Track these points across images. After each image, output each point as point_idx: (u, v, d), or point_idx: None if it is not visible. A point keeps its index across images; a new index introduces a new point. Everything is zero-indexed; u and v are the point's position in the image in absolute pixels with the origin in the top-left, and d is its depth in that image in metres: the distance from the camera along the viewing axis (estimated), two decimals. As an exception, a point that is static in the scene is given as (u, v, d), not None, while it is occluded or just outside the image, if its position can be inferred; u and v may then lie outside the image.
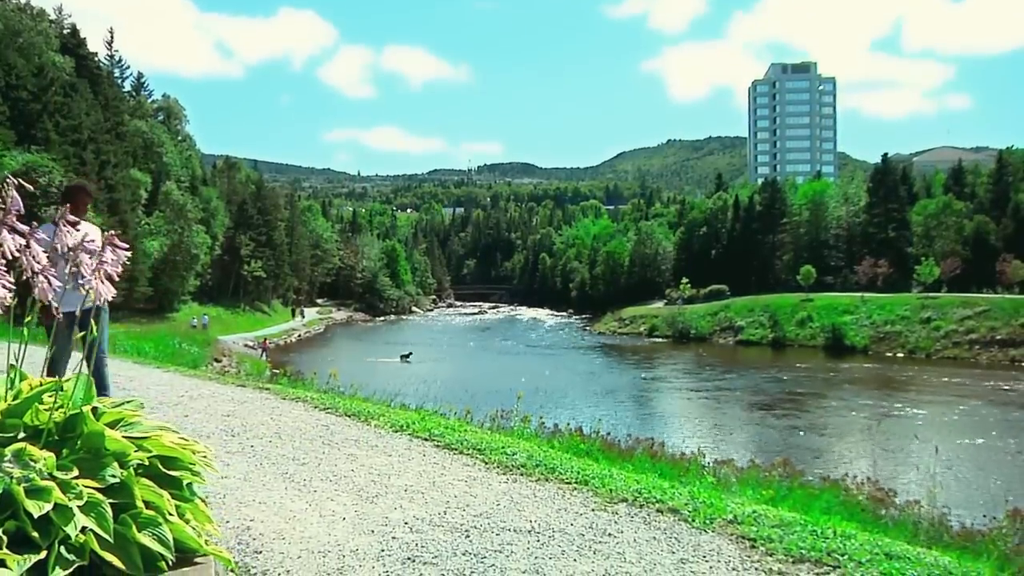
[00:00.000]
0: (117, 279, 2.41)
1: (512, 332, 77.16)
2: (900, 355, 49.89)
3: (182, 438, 2.36)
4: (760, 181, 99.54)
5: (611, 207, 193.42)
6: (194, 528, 2.10)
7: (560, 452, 6.41)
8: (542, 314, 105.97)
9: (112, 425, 2.19)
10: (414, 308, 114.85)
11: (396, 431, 6.13)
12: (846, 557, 3.46)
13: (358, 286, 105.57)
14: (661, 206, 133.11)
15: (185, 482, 2.26)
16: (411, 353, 46.80)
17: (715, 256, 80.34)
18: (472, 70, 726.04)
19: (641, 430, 16.86)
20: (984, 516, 7.37)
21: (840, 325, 55.08)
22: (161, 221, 53.04)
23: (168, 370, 10.27)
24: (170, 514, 2.03)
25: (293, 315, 76.56)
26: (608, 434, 9.94)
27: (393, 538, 3.58)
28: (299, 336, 64.86)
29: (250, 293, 74.10)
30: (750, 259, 75.50)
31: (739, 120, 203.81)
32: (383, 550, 3.42)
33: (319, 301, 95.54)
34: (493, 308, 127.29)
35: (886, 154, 78.20)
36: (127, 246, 2.34)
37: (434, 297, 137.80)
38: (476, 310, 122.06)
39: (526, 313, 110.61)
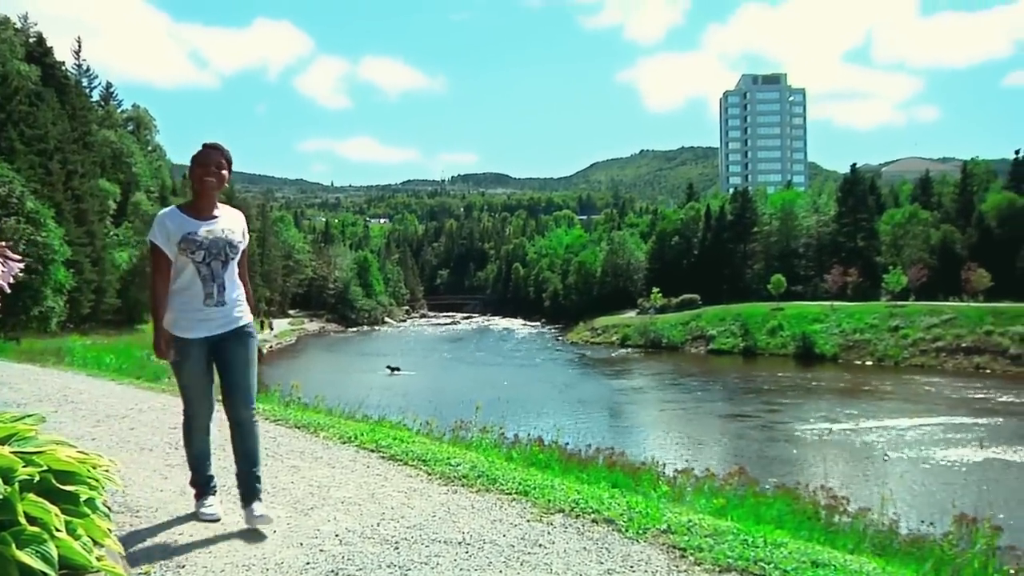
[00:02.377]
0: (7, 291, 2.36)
1: (485, 342, 77.06)
2: (869, 363, 50.38)
3: (81, 452, 2.32)
4: (732, 191, 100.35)
5: (584, 217, 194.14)
6: (84, 544, 2.06)
7: (514, 464, 6.39)
8: (515, 324, 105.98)
9: (3, 441, 2.16)
10: (387, 319, 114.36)
11: (344, 443, 6.09)
12: (772, 566, 3.48)
13: (330, 297, 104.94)
14: (634, 216, 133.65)
15: (83, 497, 2.22)
16: (399, 368, 45.77)
17: (687, 266, 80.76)
18: (448, 81, 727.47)
19: (608, 440, 16.87)
20: (926, 523, 7.43)
21: (810, 334, 55.54)
22: (130, 232, 52.44)
23: (122, 383, 10.14)
24: (58, 530, 1.99)
25: (261, 327, 75.52)
26: (567, 444, 9.93)
27: (321, 551, 3.55)
28: (270, 347, 64.31)
29: (221, 304, 73.42)
30: (721, 268, 76.01)
31: (712, 130, 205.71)
32: (308, 563, 3.39)
33: (291, 312, 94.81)
34: (466, 318, 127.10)
35: (855, 164, 79.10)
36: (19, 258, 2.30)
37: (407, 307, 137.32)
38: (449, 320, 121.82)
39: (499, 323, 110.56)
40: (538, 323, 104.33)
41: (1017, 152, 68.20)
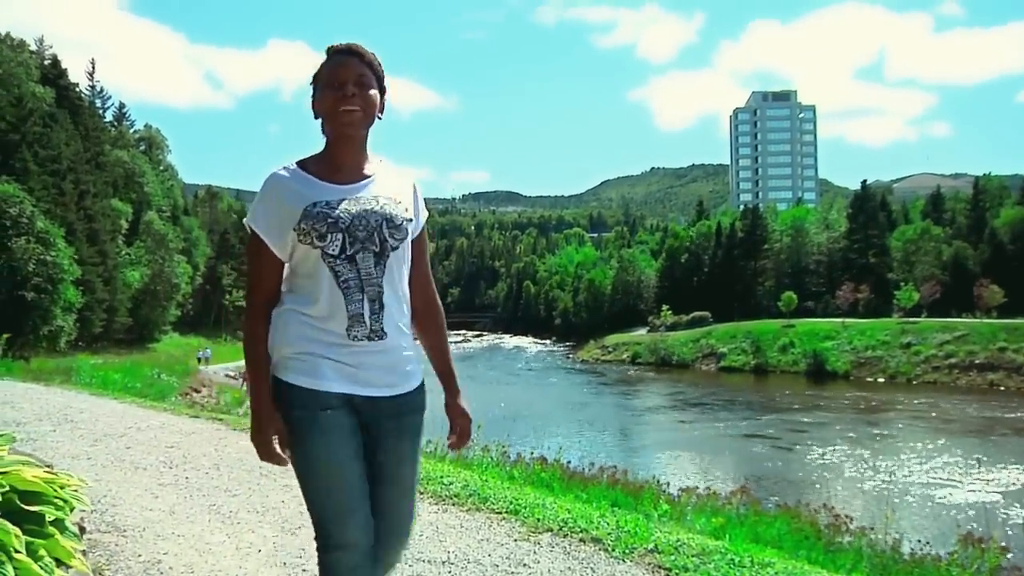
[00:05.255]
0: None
1: (495, 360, 76.94)
2: (881, 380, 50.04)
3: (49, 471, 2.32)
4: (742, 208, 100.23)
5: (595, 235, 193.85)
6: (45, 566, 2.05)
7: (515, 483, 6.37)
8: (525, 342, 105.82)
9: (-33, 460, 2.15)
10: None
11: (339, 461, 6.06)
12: (758, 586, 3.44)
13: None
14: (644, 233, 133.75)
15: (49, 518, 2.21)
16: None
17: (697, 283, 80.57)
18: (460, 99, 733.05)
19: (614, 458, 16.78)
20: (930, 544, 7.33)
21: (822, 351, 55.24)
22: (142, 251, 52.81)
23: (124, 401, 10.16)
24: (17, 551, 1.98)
25: None
26: (570, 463, 9.89)
27: (304, 570, 3.53)
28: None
29: (231, 323, 73.64)
30: (732, 286, 75.77)
31: (723, 148, 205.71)
32: (289, 583, 3.37)
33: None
34: (477, 336, 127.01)
35: (865, 181, 78.98)
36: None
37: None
38: (460, 338, 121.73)
39: (509, 341, 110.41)
40: (548, 341, 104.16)
41: (1029, 168, 67.90)
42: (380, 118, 2.17)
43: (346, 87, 2.07)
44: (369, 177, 2.15)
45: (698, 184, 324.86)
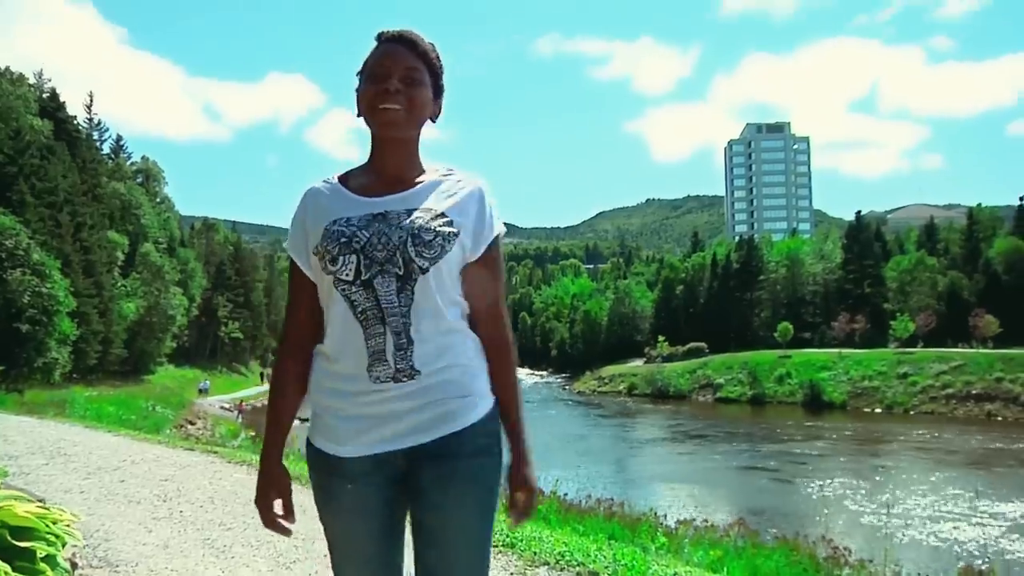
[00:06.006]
0: None
1: (492, 391, 76.51)
2: (878, 411, 49.95)
3: (41, 506, 2.30)
4: (737, 239, 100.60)
5: (591, 266, 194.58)
6: (36, 601, 2.03)
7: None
8: (522, 373, 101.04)
9: (-41, 495, 2.14)
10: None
11: (334, 495, 6.02)
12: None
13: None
14: (640, 264, 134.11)
15: (41, 554, 2.19)
16: None
17: (693, 314, 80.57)
18: (457, 131, 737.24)
19: (611, 490, 16.67)
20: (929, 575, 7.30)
21: (818, 381, 55.20)
22: (138, 283, 52.76)
23: (119, 434, 10.11)
24: (7, 587, 1.96)
25: (262, 379, 72.41)
26: (566, 495, 9.84)
27: (298, 606, 3.50)
28: (275, 398, 63.85)
29: (227, 355, 73.50)
30: (728, 316, 75.77)
31: (719, 179, 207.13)
32: (283, 619, 3.34)
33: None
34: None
35: (859, 211, 79.37)
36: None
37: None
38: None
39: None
40: (545, 372, 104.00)
41: (1022, 198, 68.29)
42: (434, 121, 1.84)
43: (389, 81, 1.74)
44: (412, 187, 1.77)
45: (693, 215, 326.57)
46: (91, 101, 64.14)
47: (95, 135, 62.81)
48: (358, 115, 1.80)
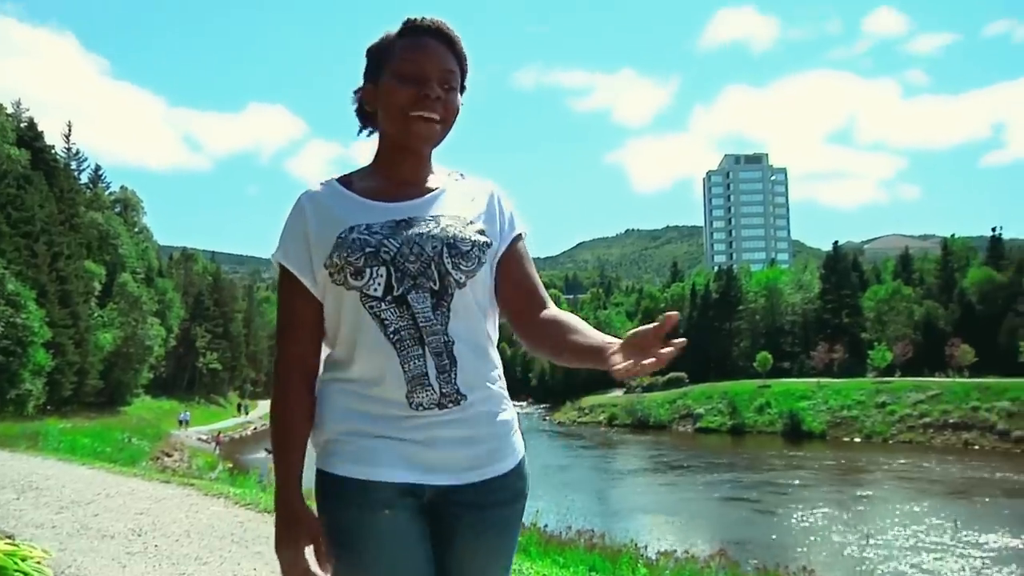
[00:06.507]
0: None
1: (472, 422, 76.14)
2: (857, 440, 50.11)
3: (10, 543, 2.26)
4: (716, 269, 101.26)
5: (571, 296, 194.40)
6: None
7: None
8: None
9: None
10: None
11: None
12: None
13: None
14: (620, 295, 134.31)
15: (12, 589, 2.16)
16: None
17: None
18: (437, 163, 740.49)
19: (592, 521, 16.56)
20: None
21: (797, 411, 55.34)
22: (115, 313, 52.20)
23: (93, 467, 9.96)
24: (-22, 624, 1.93)
25: (239, 410, 70.24)
26: (546, 526, 9.78)
27: (274, 642, 3.45)
28: (255, 429, 63.23)
29: (205, 386, 72.71)
30: (707, 346, 75.98)
31: (698, 210, 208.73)
32: (260, 656, 3.29)
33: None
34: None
35: (836, 242, 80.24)
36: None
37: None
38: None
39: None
40: (525, 403, 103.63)
41: (994, 230, 69.53)
42: (450, 126, 1.60)
43: (429, 85, 1.50)
44: (432, 192, 1.59)
45: (673, 245, 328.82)
46: (69, 131, 63.91)
47: (73, 164, 62.48)
48: (361, 111, 1.65)
